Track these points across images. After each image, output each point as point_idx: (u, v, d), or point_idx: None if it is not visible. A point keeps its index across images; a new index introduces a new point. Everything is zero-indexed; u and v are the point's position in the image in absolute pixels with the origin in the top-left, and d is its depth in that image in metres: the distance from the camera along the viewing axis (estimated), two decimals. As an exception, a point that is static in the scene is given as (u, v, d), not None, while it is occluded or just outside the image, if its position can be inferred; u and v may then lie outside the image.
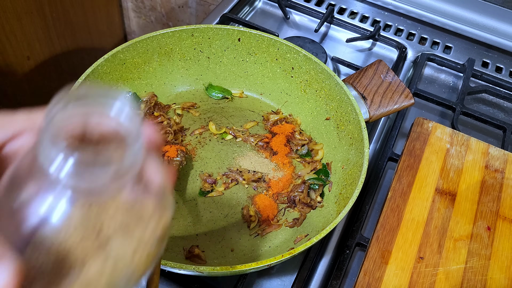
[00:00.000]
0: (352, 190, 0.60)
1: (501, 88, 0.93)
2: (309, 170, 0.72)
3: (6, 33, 0.94)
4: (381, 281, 0.59)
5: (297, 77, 0.77)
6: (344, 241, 0.67)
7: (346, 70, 0.94)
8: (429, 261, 0.61)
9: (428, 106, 0.90)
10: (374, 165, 0.77)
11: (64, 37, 1.13)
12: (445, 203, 0.67)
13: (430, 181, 0.69)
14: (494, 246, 0.63)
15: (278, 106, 0.81)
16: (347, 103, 0.69)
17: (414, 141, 0.74)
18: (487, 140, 0.82)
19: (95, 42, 1.27)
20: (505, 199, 0.68)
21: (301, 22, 1.04)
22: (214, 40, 0.77)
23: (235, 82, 0.82)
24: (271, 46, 0.76)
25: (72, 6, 1.11)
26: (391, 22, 1.05)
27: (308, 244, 0.54)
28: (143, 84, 0.77)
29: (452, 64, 0.96)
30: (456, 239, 0.63)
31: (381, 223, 0.64)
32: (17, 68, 1.02)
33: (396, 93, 0.72)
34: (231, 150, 0.75)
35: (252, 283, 0.65)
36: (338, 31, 1.02)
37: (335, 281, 0.63)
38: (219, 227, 0.66)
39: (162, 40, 0.74)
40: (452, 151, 0.73)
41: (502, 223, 0.66)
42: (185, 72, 0.80)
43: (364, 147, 0.63)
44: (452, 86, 0.96)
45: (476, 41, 1.01)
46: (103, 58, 0.69)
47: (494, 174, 0.71)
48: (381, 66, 0.75)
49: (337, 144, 0.72)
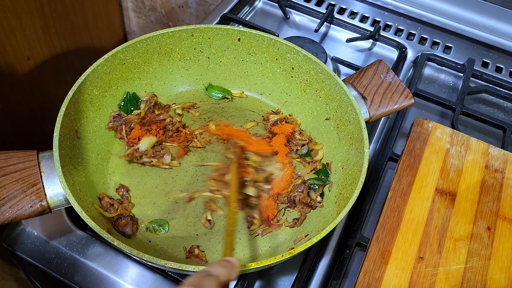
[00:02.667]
0: (352, 190, 0.60)
1: (501, 88, 0.93)
2: (309, 170, 0.72)
3: (6, 33, 0.94)
4: (381, 281, 0.59)
5: (297, 77, 0.77)
6: (344, 241, 0.67)
7: (346, 70, 0.94)
8: (429, 261, 0.61)
9: (428, 106, 0.90)
10: (374, 165, 0.77)
11: (64, 37, 1.13)
12: (445, 203, 0.67)
13: (430, 181, 0.69)
14: (494, 246, 0.63)
15: (278, 106, 0.81)
16: (347, 103, 0.69)
17: (414, 141, 0.74)
18: (487, 140, 0.82)
19: (95, 42, 1.27)
20: (505, 199, 0.68)
21: (301, 22, 1.04)
22: (214, 40, 0.77)
23: (235, 82, 0.82)
24: (271, 46, 0.76)
25: (72, 6, 1.11)
26: (391, 22, 1.05)
27: (308, 244, 0.54)
28: (143, 84, 0.77)
29: (452, 64, 0.96)
30: (456, 239, 0.63)
31: (381, 223, 0.64)
32: (17, 68, 1.02)
33: (396, 93, 0.72)
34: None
35: (252, 283, 0.65)
36: (338, 31, 1.02)
37: (335, 281, 0.63)
38: (219, 227, 0.66)
39: (162, 40, 0.74)
40: (452, 151, 0.73)
41: (502, 223, 0.66)
42: (185, 72, 0.80)
43: (364, 147, 0.63)
44: (452, 86, 0.96)
45: (476, 41, 1.01)
46: (103, 58, 0.69)
47: (494, 174, 0.71)
48: (381, 66, 0.75)
49: (337, 144, 0.72)
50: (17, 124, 1.10)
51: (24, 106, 1.09)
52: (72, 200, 0.54)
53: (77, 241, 0.66)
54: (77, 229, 0.67)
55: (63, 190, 0.55)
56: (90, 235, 0.66)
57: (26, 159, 0.57)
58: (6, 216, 0.54)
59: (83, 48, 1.23)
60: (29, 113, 1.12)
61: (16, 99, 1.06)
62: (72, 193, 0.55)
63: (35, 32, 1.03)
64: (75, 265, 0.64)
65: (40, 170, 0.57)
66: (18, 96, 1.06)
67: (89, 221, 0.53)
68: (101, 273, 0.63)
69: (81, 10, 1.15)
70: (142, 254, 0.51)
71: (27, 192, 0.55)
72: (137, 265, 0.64)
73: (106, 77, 0.70)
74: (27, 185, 0.56)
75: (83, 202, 0.58)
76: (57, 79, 1.17)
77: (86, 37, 1.23)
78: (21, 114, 1.09)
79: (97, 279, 0.63)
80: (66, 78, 1.20)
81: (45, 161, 0.58)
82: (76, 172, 0.63)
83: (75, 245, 0.65)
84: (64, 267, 0.63)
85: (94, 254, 0.64)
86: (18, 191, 0.55)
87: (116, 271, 0.63)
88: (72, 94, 0.63)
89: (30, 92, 1.09)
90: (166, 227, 0.65)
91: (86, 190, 0.63)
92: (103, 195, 0.65)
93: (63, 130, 0.61)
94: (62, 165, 0.57)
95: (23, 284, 1.38)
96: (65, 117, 0.61)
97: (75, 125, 0.65)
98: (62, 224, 0.67)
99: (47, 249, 0.65)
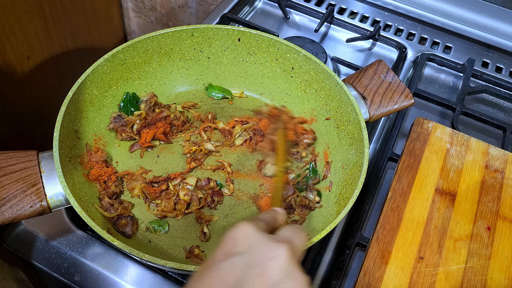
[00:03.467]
0: (352, 190, 0.60)
1: (501, 88, 0.93)
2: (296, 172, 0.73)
3: (6, 33, 0.94)
4: (381, 281, 0.59)
5: (297, 77, 0.77)
6: (344, 241, 0.67)
7: (346, 70, 0.94)
8: (429, 261, 0.61)
9: (428, 106, 0.90)
10: (374, 165, 0.77)
11: (64, 37, 1.13)
12: (445, 203, 0.67)
13: (430, 181, 0.69)
14: (494, 246, 0.63)
15: (278, 106, 0.81)
16: (347, 103, 0.69)
17: (414, 141, 0.74)
18: (487, 140, 0.82)
19: (95, 42, 1.27)
20: (505, 199, 0.68)
21: (301, 22, 1.04)
22: (214, 40, 0.77)
23: (235, 82, 0.82)
24: (271, 46, 0.76)
25: (72, 6, 1.11)
26: (391, 22, 1.05)
27: (308, 244, 0.54)
28: (143, 84, 0.77)
29: (452, 64, 0.96)
30: (456, 239, 0.63)
31: (381, 223, 0.64)
32: (17, 68, 1.02)
33: (396, 93, 0.72)
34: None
35: (252, 283, 0.65)
36: (338, 31, 1.02)
37: (335, 281, 0.63)
38: (219, 227, 0.66)
39: (162, 40, 0.74)
40: (452, 151, 0.73)
41: (502, 223, 0.66)
42: (185, 72, 0.80)
43: (364, 147, 0.63)
44: (452, 86, 0.96)
45: (476, 41, 1.01)
46: (103, 58, 0.69)
47: (494, 174, 0.71)
48: (381, 66, 0.75)
49: (337, 144, 0.72)
50: (17, 124, 1.10)
51: (24, 106, 1.09)
52: (72, 200, 0.54)
53: (77, 241, 0.66)
54: (77, 229, 0.67)
55: (63, 190, 0.55)
56: (90, 235, 0.66)
57: (26, 159, 0.57)
58: (6, 216, 0.54)
59: (83, 48, 1.23)
60: (29, 113, 1.12)
61: (16, 99, 1.06)
62: (72, 193, 0.55)
63: (35, 32, 1.03)
64: (75, 265, 0.64)
65: (40, 170, 0.57)
66: (18, 96, 1.06)
67: (89, 221, 0.53)
68: (101, 273, 0.63)
69: (81, 10, 1.15)
70: (142, 254, 0.51)
71: (27, 192, 0.55)
72: (137, 265, 0.64)
73: (106, 77, 0.70)
74: (27, 185, 0.56)
75: (83, 202, 0.58)
76: (57, 79, 1.17)
77: (86, 37, 1.23)
78: (21, 114, 1.09)
79: (97, 279, 0.63)
80: (66, 78, 1.20)
81: (45, 161, 0.58)
82: (76, 172, 0.63)
83: (75, 245, 0.65)
84: (64, 267, 0.64)
85: (94, 254, 0.64)
86: (18, 191, 0.55)
87: (116, 271, 0.63)
88: (72, 94, 0.63)
89: (30, 92, 1.09)
90: (166, 227, 0.65)
91: (86, 190, 0.63)
92: (101, 194, 0.65)
93: (63, 130, 0.61)
94: (62, 165, 0.57)
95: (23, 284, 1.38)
96: (65, 117, 0.61)
97: (75, 125, 0.65)
98: (62, 224, 0.67)
99: (47, 249, 0.65)
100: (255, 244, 0.39)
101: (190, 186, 0.68)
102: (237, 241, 0.39)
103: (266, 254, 0.38)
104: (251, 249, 0.38)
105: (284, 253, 0.38)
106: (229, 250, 0.39)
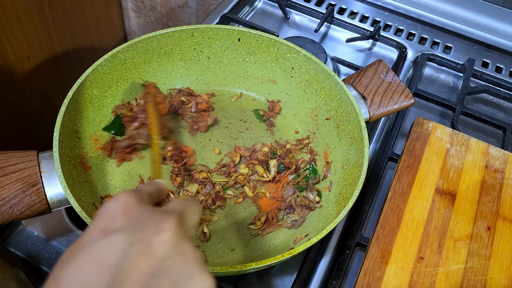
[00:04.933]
0: (352, 190, 0.60)
1: (501, 88, 0.93)
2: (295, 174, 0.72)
3: (6, 33, 0.94)
4: (381, 281, 0.59)
5: (297, 77, 0.77)
6: (344, 241, 0.67)
7: (346, 70, 0.94)
8: (429, 261, 0.61)
9: (428, 106, 0.90)
10: (374, 165, 0.77)
11: (64, 37, 1.13)
12: (445, 203, 0.67)
13: (430, 181, 0.69)
14: (494, 246, 0.63)
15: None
16: (347, 103, 0.69)
17: (414, 141, 0.74)
18: (487, 140, 0.82)
19: (95, 42, 1.27)
20: (505, 199, 0.68)
21: (301, 22, 1.04)
22: (214, 40, 0.77)
23: (235, 82, 0.82)
24: (271, 46, 0.76)
25: (72, 6, 1.11)
26: (391, 22, 1.05)
27: (308, 244, 0.54)
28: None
29: (452, 64, 0.96)
30: (456, 239, 0.63)
31: (381, 223, 0.64)
32: (17, 68, 1.01)
33: (396, 93, 0.72)
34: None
35: (252, 283, 0.65)
36: (338, 31, 1.02)
37: (335, 281, 0.63)
38: (219, 227, 0.66)
39: (162, 40, 0.74)
40: (452, 151, 0.73)
41: (502, 223, 0.66)
42: (185, 72, 0.80)
43: (364, 147, 0.63)
44: (452, 86, 0.96)
45: (476, 41, 1.01)
46: (103, 58, 0.69)
47: (494, 174, 0.71)
48: (381, 66, 0.75)
49: (337, 144, 0.72)
50: (17, 124, 1.10)
51: (24, 106, 1.09)
52: (72, 200, 0.54)
53: (77, 241, 0.65)
54: (77, 229, 0.67)
55: (63, 190, 0.55)
56: (90, 235, 0.66)
57: (26, 159, 0.57)
58: (6, 216, 0.54)
59: (83, 48, 1.23)
60: (29, 113, 1.12)
61: (16, 99, 1.06)
62: (72, 193, 0.55)
63: (35, 32, 1.03)
64: (75, 265, 0.63)
65: (40, 170, 0.57)
66: (18, 96, 1.06)
67: (89, 221, 0.53)
68: (101, 273, 0.63)
69: (81, 10, 1.15)
70: (142, 254, 0.51)
71: (27, 192, 0.55)
72: (137, 265, 0.64)
73: (106, 77, 0.70)
74: (27, 185, 0.56)
75: (83, 202, 0.58)
76: (57, 79, 1.16)
77: (86, 37, 1.23)
78: (21, 114, 1.09)
79: (97, 279, 0.63)
80: (66, 78, 1.19)
81: (45, 161, 0.58)
82: (76, 172, 0.63)
83: (75, 245, 0.65)
84: (64, 267, 0.63)
85: (94, 254, 0.64)
86: (18, 191, 0.55)
87: (116, 271, 0.63)
88: (72, 94, 0.63)
89: (30, 92, 1.09)
90: (166, 227, 0.65)
91: (86, 190, 0.63)
92: (106, 196, 0.65)
93: (63, 130, 0.61)
94: (62, 165, 0.57)
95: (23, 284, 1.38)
96: (65, 117, 0.61)
97: (75, 125, 0.65)
98: (62, 224, 0.67)
99: (47, 249, 0.65)
100: (137, 217, 0.34)
101: (191, 193, 0.68)
102: (115, 215, 0.34)
103: (150, 228, 0.33)
104: (133, 223, 0.33)
105: (171, 226, 0.33)
106: (107, 226, 0.33)
